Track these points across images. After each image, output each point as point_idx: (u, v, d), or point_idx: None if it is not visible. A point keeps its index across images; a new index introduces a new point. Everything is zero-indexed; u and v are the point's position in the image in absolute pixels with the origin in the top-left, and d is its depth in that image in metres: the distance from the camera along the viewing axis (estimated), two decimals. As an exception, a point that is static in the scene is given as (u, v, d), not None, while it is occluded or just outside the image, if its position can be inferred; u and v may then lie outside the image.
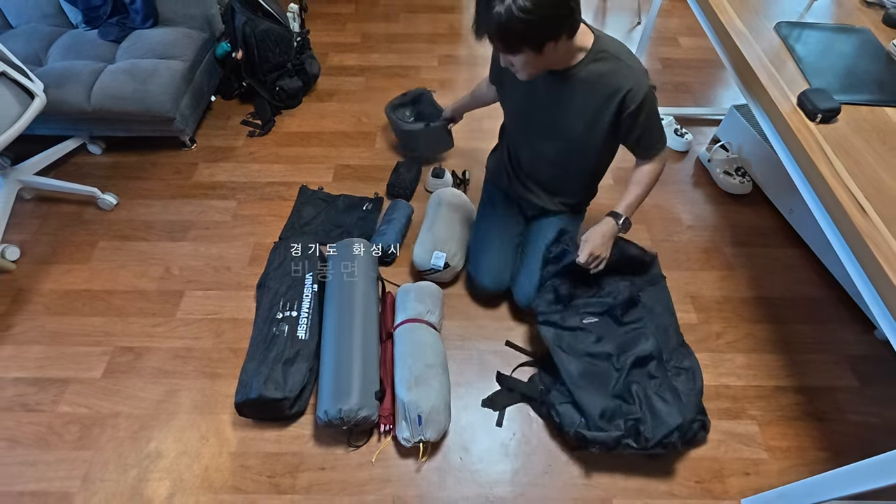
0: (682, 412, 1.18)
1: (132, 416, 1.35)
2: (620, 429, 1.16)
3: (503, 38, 0.96)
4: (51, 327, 1.52)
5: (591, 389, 1.21)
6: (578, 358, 1.27)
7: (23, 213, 1.81)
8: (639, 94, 1.09)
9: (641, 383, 1.23)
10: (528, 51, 0.98)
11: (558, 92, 1.16)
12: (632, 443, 1.16)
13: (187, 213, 1.84)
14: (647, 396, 1.21)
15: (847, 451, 1.29)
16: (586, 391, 1.21)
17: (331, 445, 1.30)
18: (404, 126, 1.91)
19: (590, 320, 1.32)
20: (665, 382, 1.24)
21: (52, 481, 1.24)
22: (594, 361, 1.26)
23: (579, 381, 1.23)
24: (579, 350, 1.28)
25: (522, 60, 1.01)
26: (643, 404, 1.20)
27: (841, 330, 1.53)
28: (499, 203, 1.57)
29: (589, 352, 1.27)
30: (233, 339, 1.50)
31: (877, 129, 1.05)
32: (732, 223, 1.82)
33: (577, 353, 1.28)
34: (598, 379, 1.24)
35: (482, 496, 1.23)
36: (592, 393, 1.21)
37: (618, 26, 2.83)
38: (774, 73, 1.18)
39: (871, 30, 1.31)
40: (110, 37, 2.00)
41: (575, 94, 1.14)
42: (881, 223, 0.87)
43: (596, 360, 1.27)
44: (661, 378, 1.25)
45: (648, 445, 1.15)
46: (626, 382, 1.23)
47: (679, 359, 1.31)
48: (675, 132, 2.06)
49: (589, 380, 1.23)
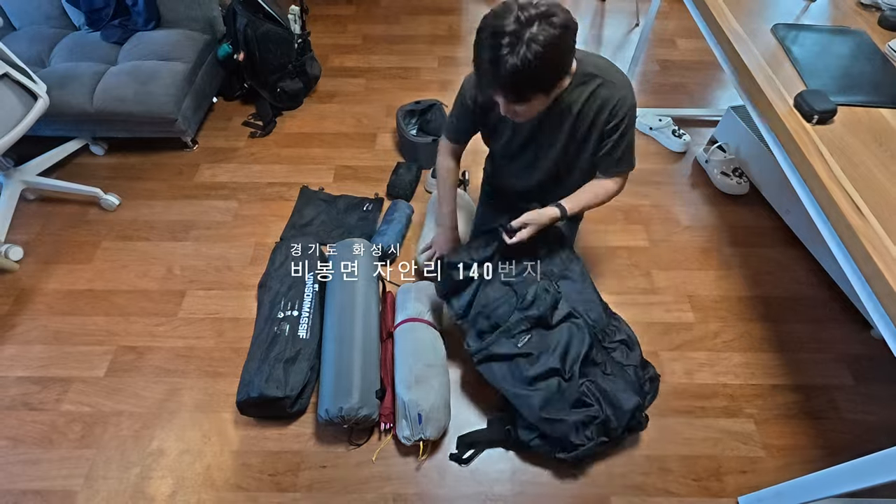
0: (634, 390, 1.21)
1: (134, 414, 1.35)
2: (592, 437, 1.17)
3: (517, 89, 0.91)
4: (54, 327, 1.52)
5: (554, 413, 1.16)
6: (532, 389, 1.18)
7: (26, 214, 1.81)
8: (622, 109, 1.08)
9: (590, 376, 1.22)
10: (539, 96, 0.94)
11: (548, 121, 1.12)
12: (605, 439, 1.19)
13: (189, 213, 1.84)
14: (602, 390, 1.20)
15: (843, 449, 1.29)
16: (550, 423, 1.17)
17: (332, 444, 1.30)
18: (412, 137, 1.94)
19: (524, 340, 1.23)
20: (609, 362, 1.25)
21: (55, 479, 1.24)
22: (545, 384, 1.18)
23: (541, 414, 1.16)
24: (526, 378, 1.19)
25: (529, 106, 0.97)
26: (601, 400, 1.19)
27: (837, 329, 1.53)
28: (497, 203, 1.57)
29: (535, 375, 1.18)
30: (234, 338, 1.50)
31: (872, 130, 1.05)
32: (730, 223, 1.82)
33: (525, 381, 1.19)
34: (556, 400, 1.17)
35: (482, 494, 1.23)
36: (555, 418, 1.16)
37: (616, 28, 2.83)
38: (771, 75, 1.18)
39: (867, 32, 1.31)
40: (113, 39, 2.00)
41: (564, 119, 1.12)
42: (877, 223, 0.87)
43: (546, 380, 1.19)
44: (604, 359, 1.25)
45: (619, 434, 1.20)
46: (578, 386, 1.20)
47: (612, 334, 1.30)
48: (673, 133, 2.06)
49: (549, 406, 1.17)
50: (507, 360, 1.22)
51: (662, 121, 2.10)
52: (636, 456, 1.29)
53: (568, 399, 1.18)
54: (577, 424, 1.17)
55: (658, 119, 2.11)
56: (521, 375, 1.20)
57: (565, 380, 1.20)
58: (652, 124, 2.11)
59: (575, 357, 1.21)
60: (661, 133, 2.10)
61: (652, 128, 2.11)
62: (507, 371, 1.22)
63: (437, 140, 1.89)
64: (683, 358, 1.46)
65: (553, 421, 1.16)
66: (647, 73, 2.51)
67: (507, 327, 1.24)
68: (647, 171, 1.99)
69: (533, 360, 1.20)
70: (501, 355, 1.22)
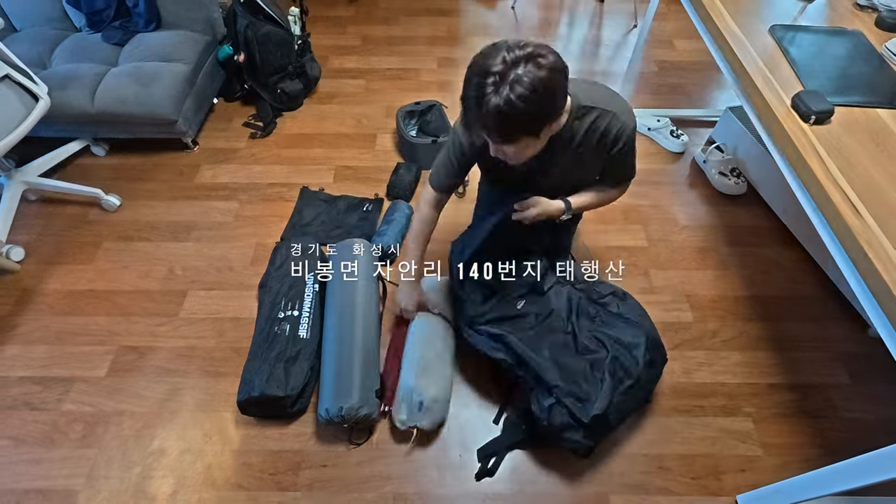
0: (640, 328, 1.22)
1: (136, 414, 1.35)
2: (605, 376, 1.14)
3: (501, 130, 0.89)
4: (55, 327, 1.52)
5: (565, 361, 1.18)
6: (539, 344, 1.21)
7: (28, 215, 1.81)
8: (623, 135, 1.06)
9: (591, 329, 1.25)
10: (526, 138, 0.92)
11: (547, 156, 1.08)
12: (625, 380, 1.15)
13: (190, 213, 1.84)
14: (605, 334, 1.22)
15: (841, 448, 1.29)
16: (559, 368, 1.16)
17: (332, 443, 1.29)
18: (411, 139, 1.93)
19: (521, 304, 1.30)
20: (603, 313, 1.28)
21: (57, 479, 1.24)
22: (550, 339, 1.24)
23: (550, 366, 1.16)
24: (529, 336, 1.23)
25: (517, 148, 0.95)
26: (606, 343, 1.20)
27: (834, 328, 1.53)
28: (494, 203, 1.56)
29: (537, 331, 1.25)
30: (235, 338, 1.50)
31: (869, 130, 1.05)
32: (727, 223, 1.82)
33: (529, 341, 1.22)
34: (564, 349, 1.21)
35: (481, 493, 1.23)
36: (568, 364, 1.17)
37: (615, 29, 2.83)
38: (769, 76, 1.18)
39: (864, 32, 1.31)
40: (114, 40, 2.00)
41: (565, 152, 1.09)
42: (874, 223, 0.87)
43: (550, 335, 1.24)
44: (598, 312, 1.28)
45: (638, 372, 1.16)
46: (581, 337, 1.24)
47: (601, 289, 1.33)
48: (672, 133, 2.06)
49: (558, 355, 1.18)
50: (507, 321, 1.27)
51: (661, 121, 2.10)
52: (635, 455, 1.29)
53: (572, 350, 1.22)
54: (587, 368, 1.17)
55: (656, 120, 2.11)
56: (525, 334, 1.24)
57: (566, 332, 1.24)
58: (650, 125, 2.11)
59: (568, 311, 1.26)
60: (659, 133, 2.10)
61: (650, 128, 2.11)
62: (511, 327, 1.25)
63: (437, 141, 1.90)
64: (682, 357, 1.46)
65: (562, 366, 1.17)
66: (646, 73, 2.51)
67: (504, 293, 1.29)
68: (645, 172, 1.99)
69: (531, 321, 1.26)
70: (500, 318, 1.27)
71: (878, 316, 0.84)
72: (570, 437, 1.14)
